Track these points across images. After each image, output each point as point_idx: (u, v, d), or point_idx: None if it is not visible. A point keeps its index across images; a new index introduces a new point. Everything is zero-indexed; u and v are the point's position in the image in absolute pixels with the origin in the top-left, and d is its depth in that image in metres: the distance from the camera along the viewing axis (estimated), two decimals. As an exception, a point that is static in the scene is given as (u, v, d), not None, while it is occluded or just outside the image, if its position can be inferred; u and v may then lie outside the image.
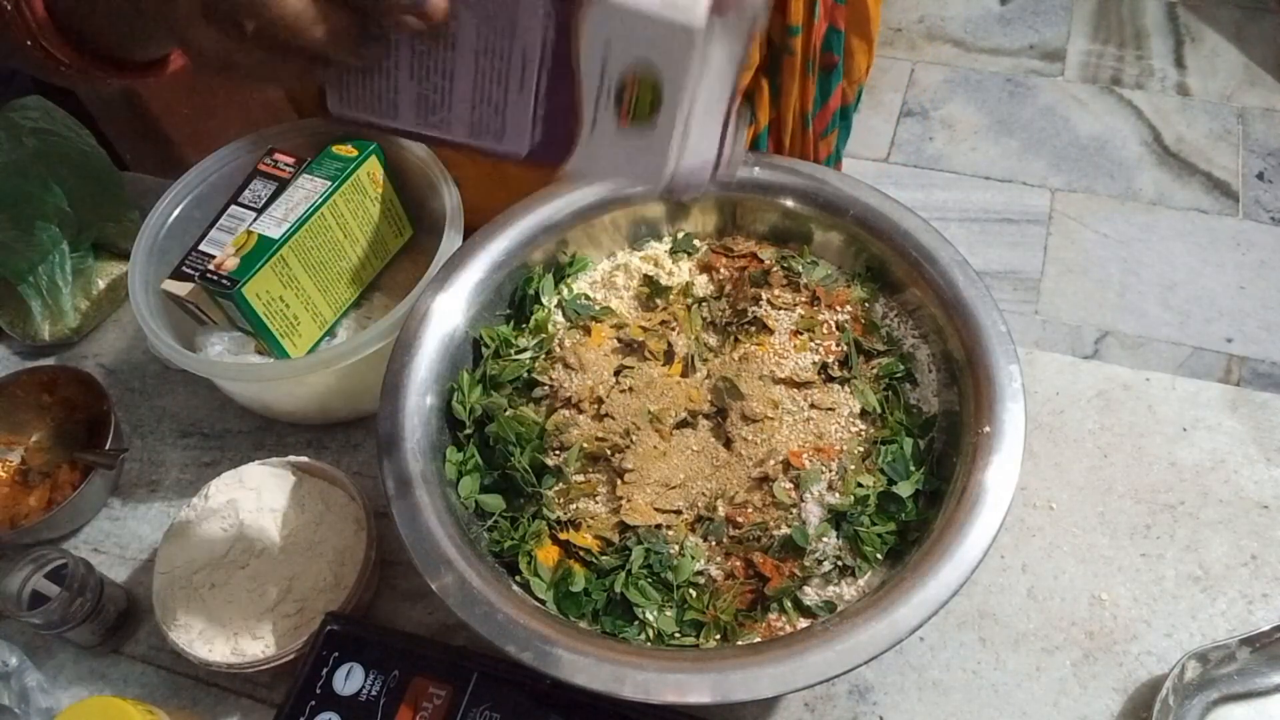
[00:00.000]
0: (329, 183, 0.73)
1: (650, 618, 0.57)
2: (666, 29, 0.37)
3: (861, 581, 0.58)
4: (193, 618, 0.65)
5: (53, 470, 0.78)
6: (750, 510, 0.60)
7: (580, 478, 0.63)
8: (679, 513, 0.61)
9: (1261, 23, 2.30)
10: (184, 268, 0.72)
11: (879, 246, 0.67)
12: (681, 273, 0.71)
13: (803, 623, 0.57)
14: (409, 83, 0.44)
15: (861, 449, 0.62)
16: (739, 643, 0.56)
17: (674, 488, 0.61)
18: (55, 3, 0.52)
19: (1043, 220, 2.01)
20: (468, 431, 0.64)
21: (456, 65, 0.42)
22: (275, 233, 0.70)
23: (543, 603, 0.58)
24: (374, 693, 0.59)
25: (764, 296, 0.67)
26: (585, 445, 0.62)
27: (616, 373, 0.66)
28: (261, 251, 0.69)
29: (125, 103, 1.44)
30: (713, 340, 0.68)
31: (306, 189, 0.73)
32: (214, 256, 0.71)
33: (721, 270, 0.70)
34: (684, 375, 0.66)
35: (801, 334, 0.66)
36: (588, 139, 0.42)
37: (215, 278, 0.69)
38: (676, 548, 0.59)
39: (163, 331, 0.71)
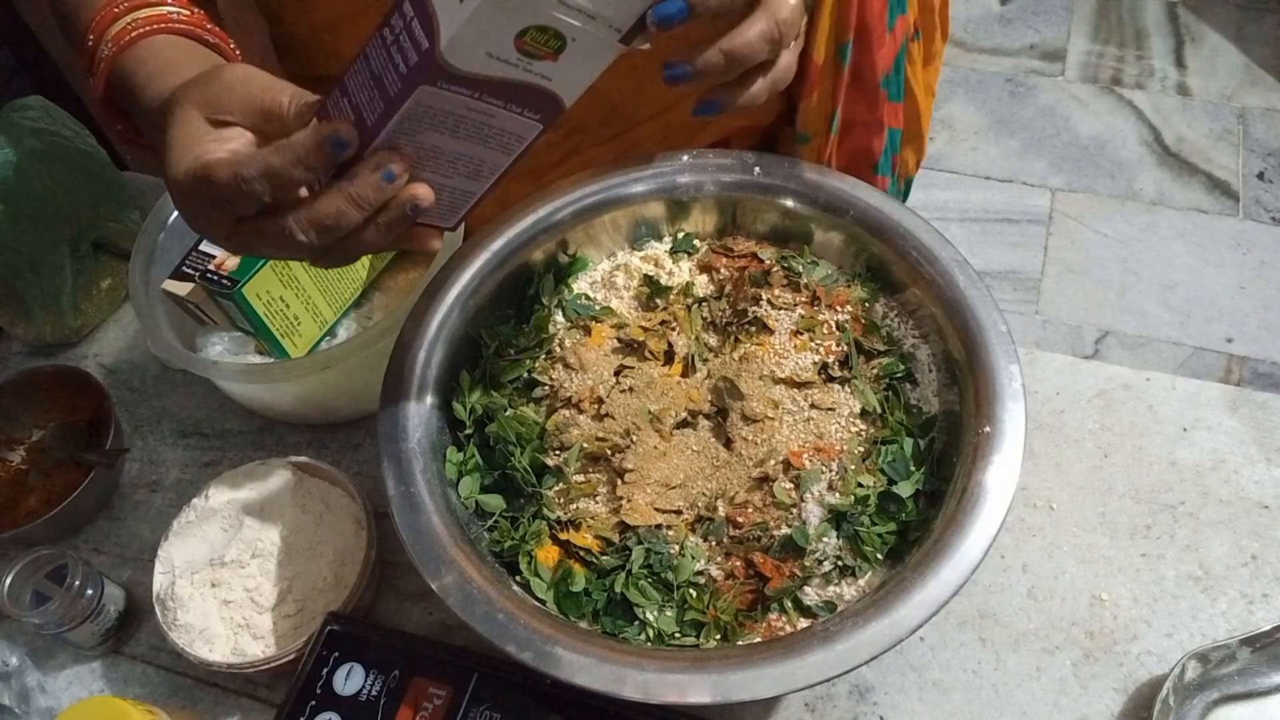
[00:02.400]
0: None
1: (650, 618, 0.57)
2: (490, 5, 0.41)
3: (862, 581, 0.58)
4: (193, 618, 0.65)
5: (53, 470, 0.78)
6: (750, 510, 0.60)
7: (580, 478, 0.63)
8: (679, 513, 0.61)
9: (1262, 23, 2.30)
10: (184, 268, 0.72)
11: (879, 246, 0.67)
12: (682, 273, 0.71)
13: (803, 623, 0.57)
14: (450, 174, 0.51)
15: (862, 449, 0.62)
16: (739, 643, 0.56)
17: (674, 488, 0.61)
18: (111, 88, 0.58)
19: (1043, 220, 2.01)
20: (468, 431, 0.64)
21: (452, 155, 0.49)
22: None
23: (543, 603, 0.58)
24: (374, 693, 0.59)
25: (764, 296, 0.67)
26: (585, 445, 0.62)
27: (617, 373, 0.66)
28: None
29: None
30: (713, 340, 0.68)
31: None
32: (214, 256, 0.71)
33: (722, 270, 0.70)
34: (684, 375, 0.66)
35: (802, 334, 0.66)
36: (551, 85, 0.47)
37: (216, 278, 0.69)
38: (677, 548, 0.59)
39: (163, 332, 0.71)
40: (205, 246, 0.73)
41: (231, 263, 0.69)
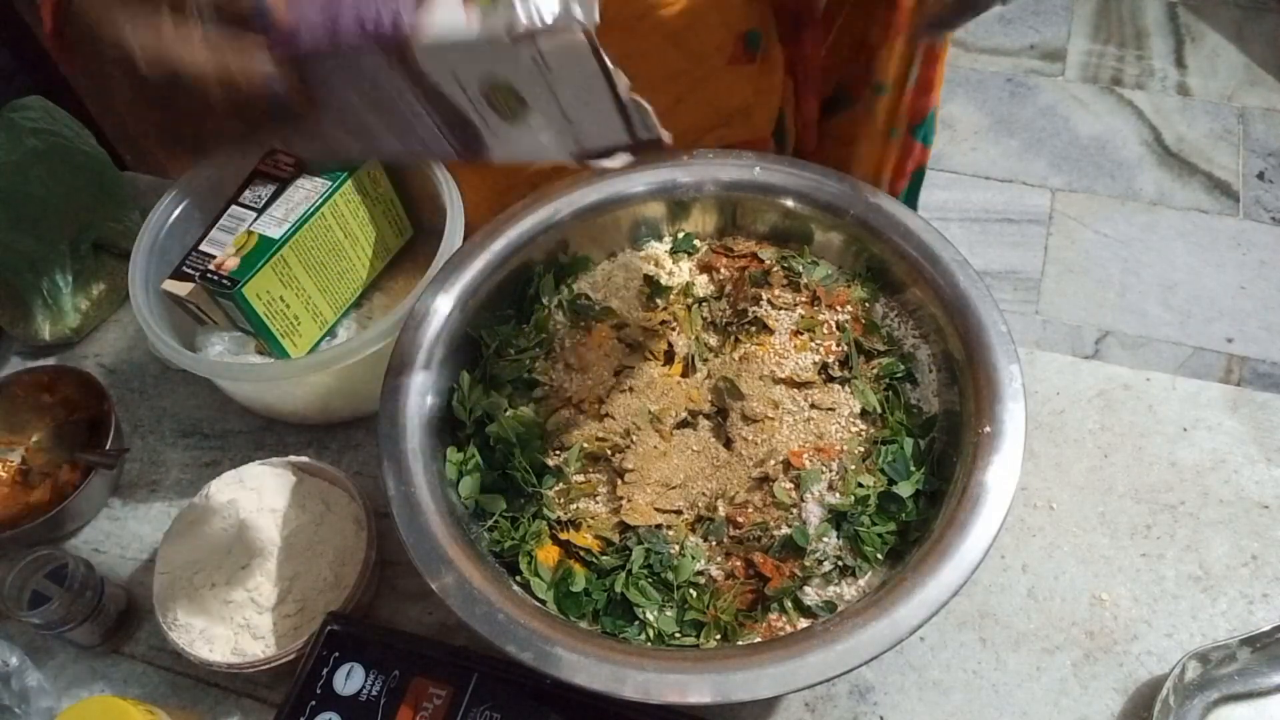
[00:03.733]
0: (329, 183, 0.73)
1: (650, 618, 0.57)
2: (477, 46, 0.40)
3: (862, 581, 0.58)
4: (193, 618, 0.65)
5: (53, 470, 0.78)
6: (750, 510, 0.60)
7: (580, 478, 0.63)
8: (679, 513, 0.61)
9: (1262, 22, 2.30)
10: (184, 268, 0.72)
11: (879, 246, 0.67)
12: (682, 273, 0.71)
13: (803, 623, 0.57)
14: (332, 129, 0.48)
15: (862, 449, 0.62)
16: (739, 643, 0.56)
17: (674, 488, 0.61)
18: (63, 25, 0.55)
19: (1043, 220, 2.01)
20: (468, 431, 0.64)
21: (361, 112, 0.46)
22: (275, 233, 0.70)
23: (543, 603, 0.58)
24: (374, 693, 0.59)
25: (764, 296, 0.67)
26: (585, 445, 0.62)
27: (617, 373, 0.66)
28: (262, 251, 0.69)
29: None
30: (713, 340, 0.68)
31: (307, 189, 0.73)
32: (214, 256, 0.71)
33: (722, 270, 0.70)
34: (684, 375, 0.66)
35: (802, 334, 0.66)
36: (492, 139, 0.46)
37: (216, 278, 0.69)
38: (677, 548, 0.59)
39: (163, 332, 0.71)
40: (205, 246, 0.72)
41: (231, 263, 0.69)
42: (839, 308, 0.67)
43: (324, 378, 0.71)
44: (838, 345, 0.65)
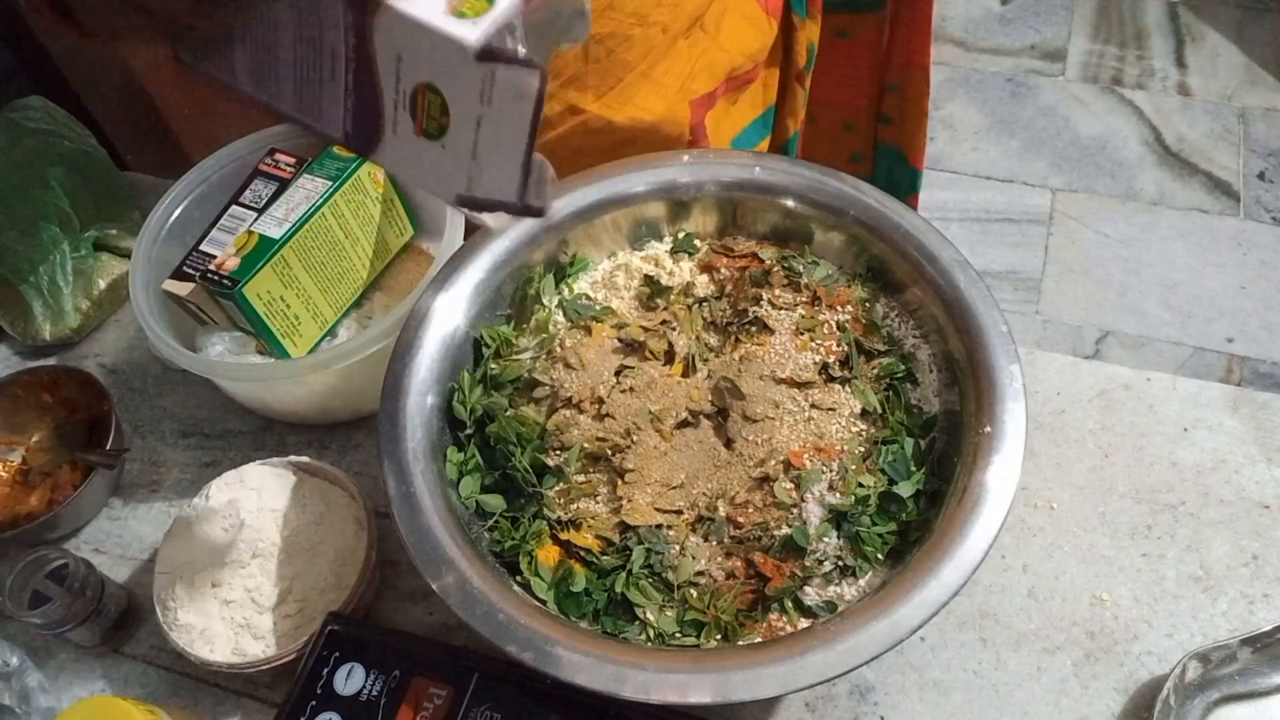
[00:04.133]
0: (330, 183, 0.73)
1: (651, 618, 0.57)
2: (444, 43, 0.39)
3: (862, 582, 0.58)
4: (194, 618, 0.65)
5: (53, 470, 0.78)
6: (751, 510, 0.60)
7: (581, 478, 0.63)
8: (680, 513, 0.61)
9: (1262, 22, 2.30)
10: (185, 268, 0.72)
11: (880, 246, 0.67)
12: (682, 273, 0.71)
13: (804, 623, 0.57)
14: (244, 50, 0.45)
15: (862, 449, 0.62)
16: (740, 643, 0.56)
17: (675, 488, 0.61)
18: None
19: (1043, 220, 2.01)
20: (468, 432, 0.64)
21: (279, 43, 0.44)
22: (276, 233, 0.70)
23: (543, 603, 0.58)
24: (375, 693, 0.59)
25: (765, 296, 0.67)
26: (586, 445, 0.62)
27: (617, 373, 0.66)
28: (262, 251, 0.69)
29: (125, 102, 1.44)
30: (713, 340, 0.68)
31: (307, 189, 0.73)
32: (215, 256, 0.71)
33: (722, 270, 0.70)
34: (685, 375, 0.66)
35: (802, 334, 0.66)
36: (390, 139, 0.44)
37: (216, 278, 0.69)
38: (677, 548, 0.59)
39: (163, 331, 0.71)
40: (205, 246, 0.73)
41: (232, 263, 0.69)
42: (839, 308, 0.67)
43: (324, 377, 0.71)
44: (838, 345, 0.65)
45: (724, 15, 0.81)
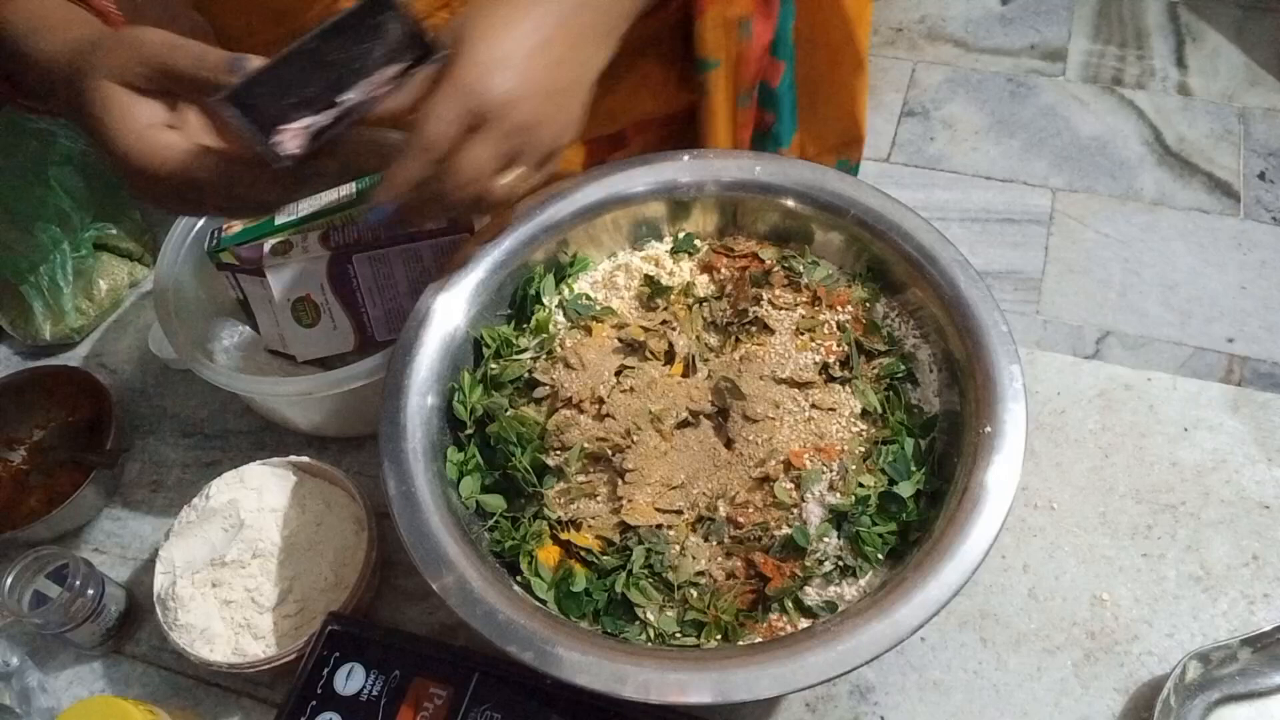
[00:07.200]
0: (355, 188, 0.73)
1: (651, 618, 0.57)
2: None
3: (862, 582, 0.58)
4: (194, 618, 0.65)
5: (54, 470, 0.78)
6: (751, 510, 0.60)
7: (581, 478, 0.63)
8: (680, 513, 0.61)
9: (1263, 23, 2.30)
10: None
11: (880, 246, 0.67)
12: (682, 273, 0.71)
13: (804, 623, 0.57)
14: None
15: (862, 449, 0.62)
16: (740, 643, 0.56)
17: (675, 488, 0.61)
18: None
19: (1044, 220, 2.01)
20: (469, 432, 0.64)
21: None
22: (279, 221, 0.72)
23: (543, 603, 0.58)
24: (375, 693, 0.59)
25: (765, 296, 0.67)
26: (586, 445, 0.62)
27: (617, 373, 0.65)
28: (262, 228, 0.71)
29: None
30: (714, 340, 0.68)
31: (334, 194, 0.73)
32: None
33: (722, 270, 0.70)
34: (685, 375, 0.66)
35: (802, 334, 0.66)
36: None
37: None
38: (677, 548, 0.59)
39: (185, 337, 0.71)
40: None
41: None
42: (840, 308, 0.67)
43: (330, 400, 0.71)
44: (838, 345, 0.65)
45: None
